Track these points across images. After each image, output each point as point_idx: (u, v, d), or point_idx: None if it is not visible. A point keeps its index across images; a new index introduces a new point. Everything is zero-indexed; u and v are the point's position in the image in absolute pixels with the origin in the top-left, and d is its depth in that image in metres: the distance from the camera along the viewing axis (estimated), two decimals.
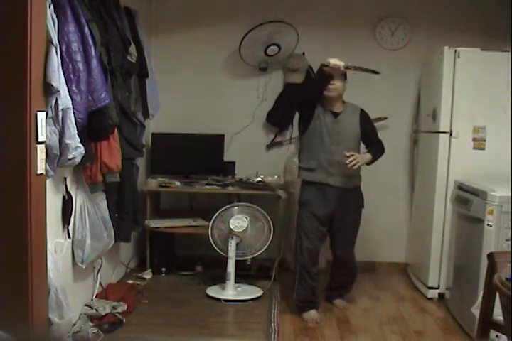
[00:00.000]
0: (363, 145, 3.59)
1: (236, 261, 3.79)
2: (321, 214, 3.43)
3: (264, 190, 4.16)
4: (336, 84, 3.36)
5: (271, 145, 4.58)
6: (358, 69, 3.39)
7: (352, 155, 3.29)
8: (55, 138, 2.47)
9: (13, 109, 2.23)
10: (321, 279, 3.71)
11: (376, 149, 3.54)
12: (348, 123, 3.45)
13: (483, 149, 3.69)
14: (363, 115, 3.52)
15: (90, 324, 3.05)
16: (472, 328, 3.01)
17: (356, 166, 3.30)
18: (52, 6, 2.46)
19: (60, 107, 2.46)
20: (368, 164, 3.46)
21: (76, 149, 2.57)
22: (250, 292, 3.80)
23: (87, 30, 2.70)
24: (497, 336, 2.67)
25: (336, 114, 3.44)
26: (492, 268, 2.34)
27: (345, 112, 3.47)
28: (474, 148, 3.70)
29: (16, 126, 2.23)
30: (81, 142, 2.60)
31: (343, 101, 3.49)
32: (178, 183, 4.28)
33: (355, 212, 3.54)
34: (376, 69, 3.45)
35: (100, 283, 3.50)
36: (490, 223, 3.07)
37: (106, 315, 3.15)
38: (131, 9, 3.66)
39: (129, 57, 3.41)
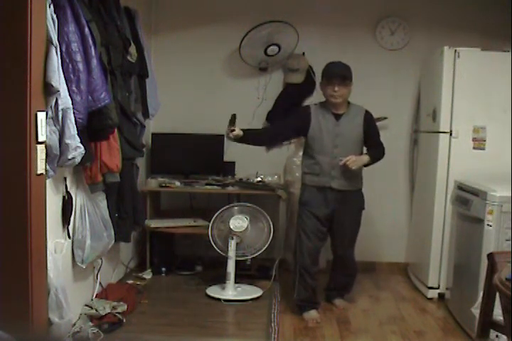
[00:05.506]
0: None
1: (236, 261, 3.79)
2: (322, 214, 3.43)
3: (264, 190, 4.16)
4: (342, 90, 3.33)
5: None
6: None
7: (347, 159, 3.28)
8: (55, 138, 2.47)
9: (13, 109, 2.23)
10: (321, 279, 3.71)
11: (376, 152, 3.50)
12: (350, 125, 3.42)
13: (483, 149, 3.69)
14: (367, 116, 3.47)
15: (90, 324, 3.05)
16: (472, 328, 3.01)
17: (354, 166, 3.29)
18: (52, 6, 2.46)
19: (60, 107, 2.46)
20: (365, 166, 3.44)
21: (76, 149, 2.57)
22: (250, 292, 3.80)
23: (87, 30, 2.70)
24: (497, 336, 2.66)
25: (338, 116, 3.41)
26: (492, 268, 2.34)
27: (349, 114, 3.43)
28: (474, 148, 3.70)
29: (16, 126, 2.23)
30: (81, 142, 2.60)
31: (348, 102, 3.46)
32: (178, 183, 4.27)
33: (356, 213, 3.53)
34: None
35: (100, 283, 3.50)
36: (490, 223, 3.07)
37: (106, 315, 3.15)
38: (131, 9, 3.65)
39: (129, 57, 3.41)
